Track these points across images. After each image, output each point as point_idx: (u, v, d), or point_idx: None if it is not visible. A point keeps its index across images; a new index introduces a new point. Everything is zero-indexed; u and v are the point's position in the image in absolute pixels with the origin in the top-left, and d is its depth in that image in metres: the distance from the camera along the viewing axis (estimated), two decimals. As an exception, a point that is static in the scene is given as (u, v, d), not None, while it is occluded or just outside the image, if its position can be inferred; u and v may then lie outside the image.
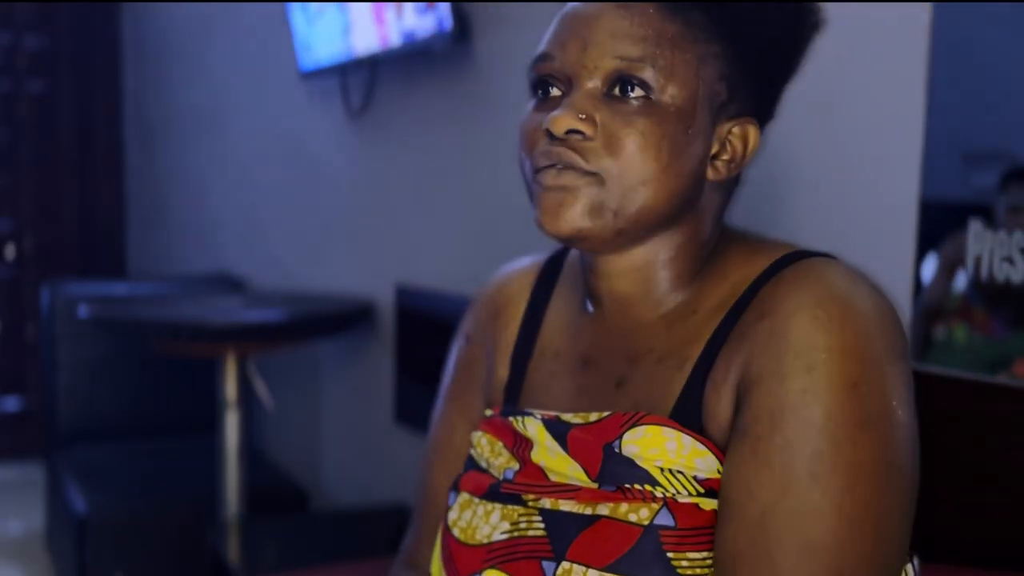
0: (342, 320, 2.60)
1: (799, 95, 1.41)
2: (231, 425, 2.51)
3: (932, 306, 1.25)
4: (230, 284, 3.48)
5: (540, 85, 0.89)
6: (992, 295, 1.18)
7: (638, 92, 0.83)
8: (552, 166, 0.85)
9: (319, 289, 2.95)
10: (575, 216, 0.84)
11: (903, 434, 0.78)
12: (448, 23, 2.09)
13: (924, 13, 1.23)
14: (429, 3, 2.15)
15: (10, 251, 4.59)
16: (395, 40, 2.30)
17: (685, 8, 0.85)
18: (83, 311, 2.62)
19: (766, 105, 0.91)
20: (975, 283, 1.19)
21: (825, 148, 1.37)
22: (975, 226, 1.18)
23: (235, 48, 3.52)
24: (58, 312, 3.25)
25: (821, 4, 0.90)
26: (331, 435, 2.98)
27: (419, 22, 2.20)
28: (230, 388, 2.51)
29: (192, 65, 3.94)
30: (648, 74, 0.83)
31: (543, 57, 0.88)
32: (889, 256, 1.28)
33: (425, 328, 2.34)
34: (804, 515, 0.75)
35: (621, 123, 0.83)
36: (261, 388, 2.63)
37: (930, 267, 1.24)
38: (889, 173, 1.28)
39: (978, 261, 1.18)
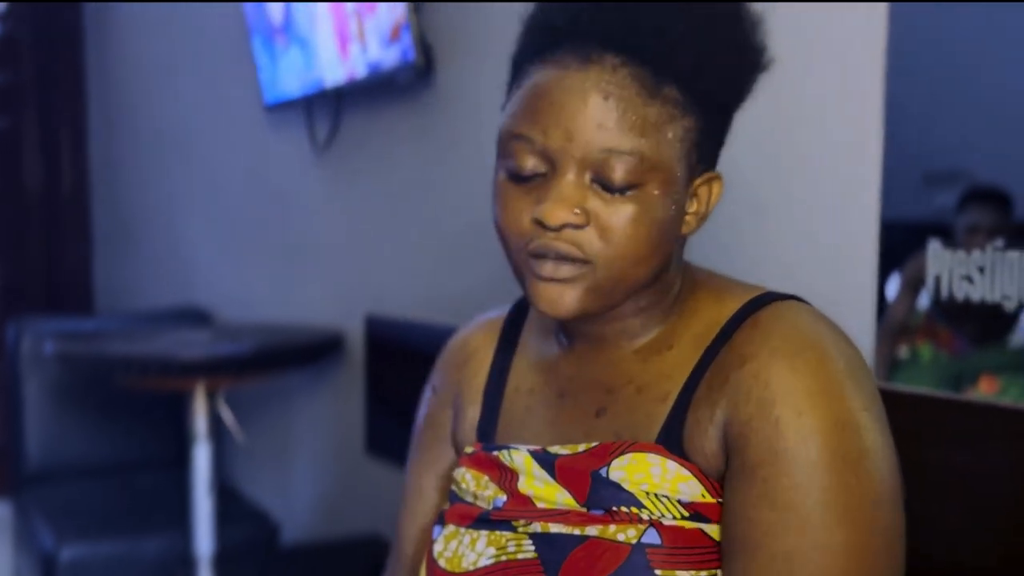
0: (312, 351, 2.59)
1: (757, 117, 1.42)
2: (201, 459, 2.49)
3: (896, 325, 1.26)
4: (199, 317, 3.45)
5: (517, 163, 0.86)
6: (954, 313, 1.20)
7: (626, 181, 0.84)
8: (546, 255, 0.86)
9: (288, 321, 2.93)
10: (573, 302, 0.87)
11: (889, 462, 0.84)
12: (412, 54, 2.11)
13: (880, 31, 1.25)
14: (394, 35, 2.16)
15: (-26, 288, 4.54)
16: (360, 72, 2.31)
17: (662, 84, 0.84)
18: (50, 347, 2.60)
19: (719, 150, 0.93)
20: (936, 302, 1.21)
21: (786, 170, 1.38)
22: (934, 246, 1.20)
23: (200, 81, 3.52)
24: (24, 349, 3.22)
25: (767, 43, 0.91)
26: (302, 467, 2.96)
27: (384, 54, 2.21)
28: (200, 422, 2.49)
29: (157, 99, 3.93)
30: (635, 164, 0.84)
31: (521, 137, 0.86)
32: (851, 276, 1.30)
33: (395, 358, 2.34)
34: (827, 551, 0.79)
35: (611, 211, 0.85)
36: (231, 421, 2.61)
37: (894, 286, 1.26)
38: (849, 194, 1.30)
39: (938, 280, 1.20)
